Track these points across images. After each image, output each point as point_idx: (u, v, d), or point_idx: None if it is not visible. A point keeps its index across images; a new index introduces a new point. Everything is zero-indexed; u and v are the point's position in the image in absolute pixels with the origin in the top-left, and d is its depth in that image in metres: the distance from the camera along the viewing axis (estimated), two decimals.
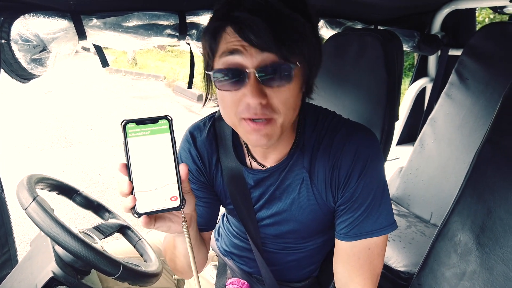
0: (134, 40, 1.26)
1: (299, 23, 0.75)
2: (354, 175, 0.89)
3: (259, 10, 0.72)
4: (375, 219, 0.90)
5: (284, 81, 0.76)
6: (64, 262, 1.02)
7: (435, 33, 2.24)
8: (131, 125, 0.69)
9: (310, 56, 0.80)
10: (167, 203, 0.72)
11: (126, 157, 0.69)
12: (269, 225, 1.06)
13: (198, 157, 1.04)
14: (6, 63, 1.03)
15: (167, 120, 0.71)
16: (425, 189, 2.08)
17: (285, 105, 0.78)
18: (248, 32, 0.72)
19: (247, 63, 0.74)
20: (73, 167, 4.49)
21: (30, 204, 0.96)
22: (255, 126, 0.78)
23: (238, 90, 0.77)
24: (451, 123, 2.00)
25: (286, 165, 0.96)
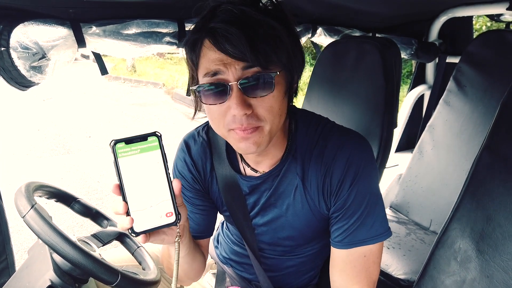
0: (133, 48, 1.26)
1: (275, 30, 0.76)
2: (346, 183, 0.89)
3: (235, 20, 0.73)
4: (369, 227, 0.89)
5: (267, 90, 0.77)
6: (62, 270, 1.02)
7: (433, 41, 2.26)
8: (120, 145, 0.68)
9: (290, 62, 0.81)
10: (163, 219, 0.72)
11: (118, 178, 0.69)
12: (266, 232, 1.06)
13: (193, 166, 1.05)
14: (5, 71, 1.03)
15: (156, 136, 0.71)
16: (424, 196, 2.08)
17: (270, 113, 0.80)
18: (225, 42, 0.73)
19: (229, 77, 0.76)
20: (72, 174, 4.48)
21: (28, 211, 0.96)
22: (244, 134, 0.80)
23: (223, 103, 0.78)
24: (449, 130, 2.00)
25: (280, 171, 0.96)
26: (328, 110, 1.47)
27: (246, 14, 0.74)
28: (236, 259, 1.25)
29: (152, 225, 0.71)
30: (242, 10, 0.74)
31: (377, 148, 1.29)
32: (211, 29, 0.74)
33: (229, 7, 0.74)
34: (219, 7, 0.76)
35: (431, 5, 1.97)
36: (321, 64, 1.54)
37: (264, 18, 0.75)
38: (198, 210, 1.08)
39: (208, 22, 0.75)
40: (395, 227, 2.03)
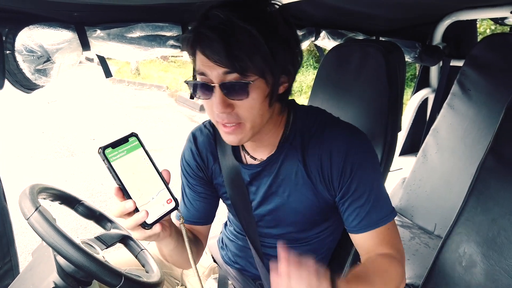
0: (137, 51, 1.27)
1: (254, 39, 0.78)
2: (347, 168, 0.93)
3: (218, 27, 0.78)
4: (379, 208, 0.94)
5: (243, 96, 0.82)
6: (66, 273, 1.02)
7: (437, 44, 2.25)
8: (108, 150, 0.74)
9: (269, 68, 0.82)
10: (166, 206, 0.80)
11: (118, 181, 0.75)
12: (270, 221, 1.09)
13: (198, 155, 1.12)
14: (11, 74, 1.04)
15: (135, 136, 0.78)
16: (428, 200, 2.07)
17: (250, 113, 0.86)
18: (206, 48, 0.79)
19: (212, 78, 0.82)
20: (76, 177, 4.49)
21: (33, 214, 0.96)
22: (227, 129, 0.88)
23: (209, 99, 0.86)
24: (454, 133, 2.00)
25: (278, 158, 1.01)
26: (332, 113, 1.46)
27: (230, 20, 0.77)
28: (241, 255, 1.27)
29: (159, 214, 0.79)
30: (227, 16, 0.77)
31: (381, 151, 1.29)
32: (199, 33, 0.80)
33: (217, 12, 0.78)
34: (213, 9, 0.80)
35: (435, 8, 1.97)
36: (324, 68, 1.54)
37: (245, 25, 0.77)
38: (200, 197, 1.15)
39: (199, 25, 0.81)
40: (399, 231, 2.01)
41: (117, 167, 0.74)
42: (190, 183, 1.16)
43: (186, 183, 1.17)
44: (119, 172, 0.74)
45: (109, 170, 0.74)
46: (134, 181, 0.76)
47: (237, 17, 0.77)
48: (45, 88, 1.16)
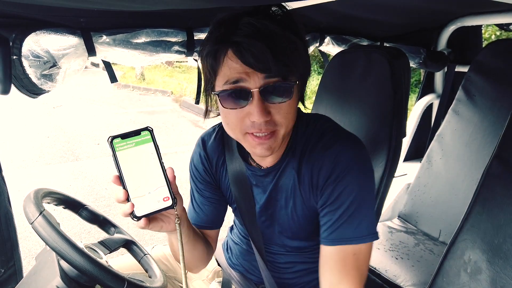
0: (143, 56, 1.28)
1: (295, 43, 0.82)
2: (332, 177, 0.91)
3: (257, 34, 0.77)
4: (355, 226, 0.90)
5: (286, 98, 0.83)
6: (69, 277, 1.02)
7: (442, 50, 2.25)
8: (117, 140, 0.77)
9: (305, 72, 0.88)
10: (161, 203, 0.81)
11: (118, 170, 0.77)
12: (270, 226, 1.11)
13: (206, 159, 1.13)
14: (17, 79, 1.05)
15: (149, 130, 0.79)
16: (433, 206, 2.06)
17: (286, 119, 0.85)
18: (249, 56, 0.77)
19: (250, 85, 0.80)
20: (80, 181, 4.51)
21: (37, 218, 0.97)
22: (260, 140, 0.86)
23: (243, 108, 0.83)
24: (458, 139, 1.99)
25: (280, 166, 1.01)
26: (336, 119, 1.45)
27: (268, 29, 0.78)
28: (245, 259, 1.27)
29: (151, 209, 0.80)
30: (264, 24, 0.78)
31: (385, 157, 1.28)
32: (235, 42, 0.78)
33: (252, 21, 0.78)
34: (241, 19, 0.79)
35: (439, 14, 1.97)
36: (329, 73, 1.54)
37: (284, 31, 0.79)
38: (208, 201, 1.16)
39: (231, 35, 0.79)
40: (403, 237, 2.01)
41: (121, 157, 0.76)
42: (198, 188, 1.16)
43: (194, 187, 1.18)
44: (121, 162, 0.76)
45: (113, 159, 0.76)
46: (134, 173, 0.78)
47: (273, 25, 0.78)
48: (50, 93, 1.16)
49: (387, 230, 2.08)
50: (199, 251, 1.11)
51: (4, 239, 1.42)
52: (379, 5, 1.51)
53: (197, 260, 1.14)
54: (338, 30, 1.84)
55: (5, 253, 1.44)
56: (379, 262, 1.80)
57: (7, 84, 1.01)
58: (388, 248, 1.91)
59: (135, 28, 1.23)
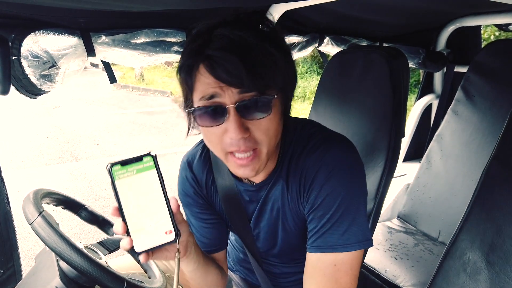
0: (142, 57, 1.28)
1: (273, 56, 0.75)
2: (316, 182, 0.87)
3: (231, 46, 0.72)
4: (341, 233, 0.85)
5: (264, 113, 0.77)
6: (69, 278, 1.02)
7: (441, 50, 2.25)
8: (116, 168, 0.70)
9: (285, 85, 0.81)
10: (163, 238, 0.73)
11: (117, 200, 0.70)
12: (265, 238, 1.07)
13: (195, 180, 1.06)
14: (16, 79, 1.05)
15: (151, 156, 0.72)
16: (432, 206, 2.06)
17: (267, 135, 0.80)
18: (221, 71, 0.72)
19: (225, 100, 0.75)
20: (79, 182, 4.50)
21: (36, 218, 0.97)
22: (242, 162, 0.80)
23: (220, 125, 0.78)
24: (458, 139, 1.99)
25: (271, 179, 0.97)
26: (335, 119, 1.46)
27: (243, 40, 0.73)
28: (243, 266, 1.26)
29: (152, 244, 0.73)
30: (238, 36, 0.73)
31: (384, 157, 1.28)
32: (207, 56, 0.73)
33: (225, 33, 0.73)
34: (214, 31, 0.75)
35: (439, 14, 1.97)
36: (328, 73, 1.54)
37: (259, 42, 0.74)
38: (207, 224, 1.09)
39: (204, 48, 0.74)
40: (403, 238, 2.01)
41: (120, 186, 0.70)
42: (193, 212, 1.10)
43: (189, 213, 1.10)
44: (120, 192, 0.70)
45: (112, 188, 0.70)
46: (135, 203, 0.71)
47: (248, 36, 0.73)
48: (50, 94, 1.16)
49: (387, 231, 2.08)
50: (213, 275, 1.05)
51: (3, 239, 1.41)
52: (379, 5, 1.51)
53: (212, 285, 1.07)
54: (337, 31, 1.84)
55: (4, 254, 1.43)
56: (378, 262, 1.80)
57: (6, 85, 1.01)
58: (387, 249, 1.91)
59: (134, 28, 1.23)
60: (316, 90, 1.58)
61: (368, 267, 1.78)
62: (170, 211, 0.74)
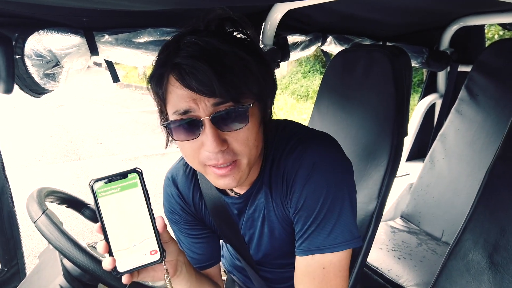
0: (145, 56, 1.28)
1: (244, 61, 0.72)
2: (297, 183, 0.84)
3: (200, 54, 0.69)
4: (327, 234, 0.82)
5: (241, 124, 0.74)
6: (72, 276, 1.02)
7: (444, 49, 2.24)
8: (99, 184, 0.67)
9: (262, 92, 0.77)
10: (147, 258, 0.70)
11: (99, 218, 0.68)
12: (256, 246, 1.05)
13: (181, 197, 1.03)
14: (20, 78, 1.05)
15: (137, 173, 0.69)
16: (436, 206, 2.05)
17: (246, 146, 0.76)
18: (190, 79, 0.69)
19: (199, 113, 0.72)
20: (83, 180, 4.52)
21: (40, 217, 0.97)
22: (221, 172, 0.77)
23: (196, 139, 0.75)
24: (461, 139, 1.98)
25: (254, 188, 0.94)
26: (338, 118, 1.46)
27: (212, 46, 0.70)
28: (240, 272, 1.25)
29: (135, 264, 0.70)
30: (208, 42, 0.70)
31: (387, 156, 1.28)
32: (176, 64, 0.70)
33: (194, 39, 0.70)
34: (183, 38, 0.72)
35: (442, 13, 1.96)
36: (330, 72, 1.54)
37: (231, 48, 0.71)
38: (197, 239, 1.06)
39: (172, 56, 0.71)
40: (406, 237, 2.00)
41: (103, 204, 0.67)
42: (181, 229, 1.06)
43: (177, 230, 1.07)
44: (103, 210, 0.67)
45: (94, 206, 0.68)
46: (118, 222, 0.68)
47: (218, 42, 0.70)
48: (53, 93, 1.17)
49: (390, 230, 2.08)
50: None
51: (7, 237, 1.42)
52: (382, 5, 1.51)
53: None
54: (340, 30, 1.84)
55: (8, 252, 1.44)
56: (381, 262, 1.80)
57: (10, 84, 1.01)
58: (390, 248, 1.90)
59: (137, 27, 1.23)
60: (319, 89, 1.58)
61: (371, 266, 1.78)
62: (156, 231, 0.71)
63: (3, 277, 1.45)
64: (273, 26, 1.52)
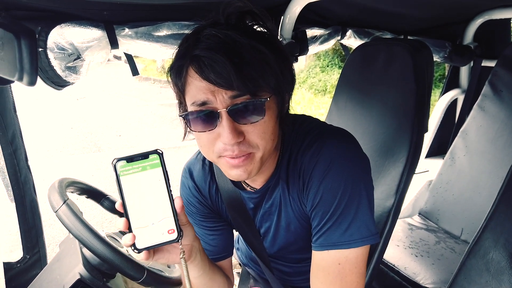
0: (164, 49, 1.29)
1: (262, 54, 0.73)
2: (314, 179, 0.84)
3: (219, 46, 0.70)
4: (344, 230, 0.82)
5: (258, 116, 0.75)
6: (91, 265, 1.05)
7: (468, 44, 2.18)
8: (121, 163, 0.70)
9: (279, 85, 0.78)
10: (165, 236, 0.73)
11: (120, 196, 0.70)
12: (271, 240, 1.06)
13: (197, 190, 1.05)
14: (43, 71, 1.07)
15: (158, 154, 0.72)
16: (455, 204, 2.01)
17: (262, 139, 0.77)
18: (209, 72, 0.70)
19: (217, 105, 0.73)
20: (102, 171, 4.61)
21: (61, 207, 0.99)
22: (234, 162, 0.78)
23: (212, 130, 0.76)
24: (484, 136, 1.93)
25: (271, 182, 0.95)
26: (356, 113, 1.44)
27: (231, 39, 0.70)
28: (256, 263, 1.26)
29: (154, 241, 0.72)
30: (227, 35, 0.71)
31: (406, 153, 1.26)
32: (195, 56, 0.72)
33: (213, 32, 0.71)
34: (203, 30, 0.73)
35: (467, 7, 1.91)
36: (349, 67, 1.52)
37: (250, 41, 0.72)
38: (212, 231, 1.08)
39: (192, 49, 0.72)
40: (424, 235, 1.97)
41: (125, 183, 0.70)
42: (196, 221, 1.08)
43: (192, 222, 1.07)
44: (125, 188, 0.70)
45: (116, 184, 0.71)
46: (139, 200, 0.71)
47: (238, 35, 0.71)
48: (74, 85, 1.19)
49: (407, 227, 2.05)
50: (219, 283, 1.04)
51: (30, 226, 1.46)
52: None
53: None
54: (360, 23, 1.81)
55: (30, 240, 1.48)
56: (398, 259, 1.78)
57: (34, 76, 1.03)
58: (407, 246, 1.88)
59: (157, 21, 1.24)
60: (337, 83, 1.56)
61: (388, 263, 1.76)
62: (174, 211, 0.73)
63: (25, 264, 1.50)
64: (292, 20, 1.51)
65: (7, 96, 1.30)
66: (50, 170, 4.56)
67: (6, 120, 1.31)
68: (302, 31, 1.58)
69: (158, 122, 7.03)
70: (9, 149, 1.35)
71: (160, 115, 7.56)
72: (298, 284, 1.17)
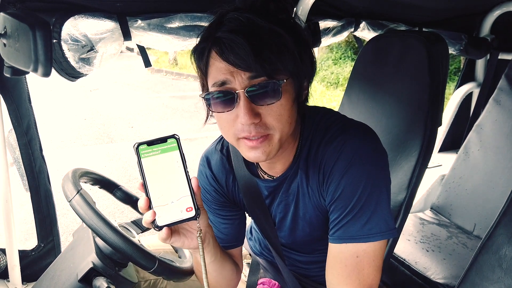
0: (176, 41, 1.29)
1: (281, 38, 0.75)
2: (335, 173, 0.86)
3: (240, 29, 0.73)
4: (362, 223, 0.84)
5: (274, 98, 0.77)
6: (104, 254, 1.06)
7: (484, 36, 2.14)
8: (142, 147, 0.75)
9: (297, 69, 0.80)
10: (184, 214, 0.77)
11: (142, 177, 0.75)
12: (286, 230, 1.07)
13: (214, 179, 1.07)
14: (57, 62, 1.09)
15: (175, 138, 0.77)
16: (468, 199, 1.99)
17: (279, 121, 0.80)
18: (229, 53, 0.73)
19: (235, 85, 0.76)
20: (114, 162, 4.66)
21: (74, 196, 1.01)
22: (252, 144, 0.80)
23: (231, 110, 0.79)
24: (499, 130, 1.90)
25: (290, 171, 0.96)
26: (369, 106, 1.43)
27: (252, 22, 0.74)
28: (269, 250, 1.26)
29: (173, 219, 0.76)
30: (248, 18, 0.74)
31: (419, 146, 1.25)
32: (217, 38, 0.75)
33: (236, 15, 0.74)
34: (226, 14, 0.76)
35: None
36: (362, 59, 1.50)
37: (270, 25, 0.74)
38: (225, 220, 1.10)
39: (214, 31, 0.76)
40: (435, 230, 1.96)
41: (146, 164, 0.75)
42: (211, 209, 1.10)
43: (207, 209, 1.10)
44: (146, 169, 0.75)
45: (138, 165, 0.75)
46: (158, 181, 0.76)
47: (259, 19, 0.74)
48: (87, 77, 1.20)
49: (419, 222, 2.03)
50: (228, 270, 1.05)
51: (44, 215, 1.49)
52: None
53: (226, 280, 1.07)
54: (374, 15, 1.78)
55: (44, 229, 1.51)
56: (409, 253, 1.77)
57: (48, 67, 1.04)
58: (419, 240, 1.87)
59: (169, 13, 1.24)
60: (350, 76, 1.55)
61: (398, 258, 1.75)
62: (191, 190, 0.77)
63: (40, 252, 1.53)
64: (305, 11, 1.49)
65: (22, 87, 1.32)
66: (64, 161, 4.63)
67: (21, 111, 1.33)
68: (315, 23, 1.57)
69: (170, 114, 7.06)
70: (24, 139, 1.37)
71: (171, 107, 7.60)
72: (310, 272, 1.18)
